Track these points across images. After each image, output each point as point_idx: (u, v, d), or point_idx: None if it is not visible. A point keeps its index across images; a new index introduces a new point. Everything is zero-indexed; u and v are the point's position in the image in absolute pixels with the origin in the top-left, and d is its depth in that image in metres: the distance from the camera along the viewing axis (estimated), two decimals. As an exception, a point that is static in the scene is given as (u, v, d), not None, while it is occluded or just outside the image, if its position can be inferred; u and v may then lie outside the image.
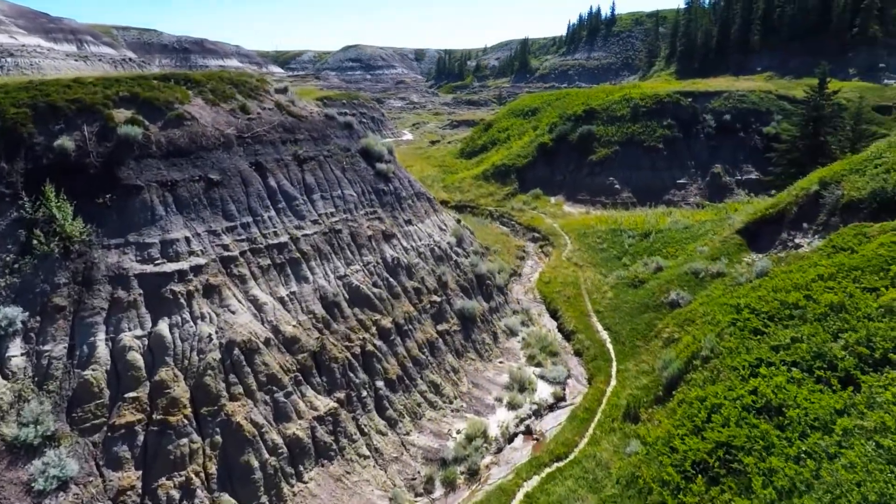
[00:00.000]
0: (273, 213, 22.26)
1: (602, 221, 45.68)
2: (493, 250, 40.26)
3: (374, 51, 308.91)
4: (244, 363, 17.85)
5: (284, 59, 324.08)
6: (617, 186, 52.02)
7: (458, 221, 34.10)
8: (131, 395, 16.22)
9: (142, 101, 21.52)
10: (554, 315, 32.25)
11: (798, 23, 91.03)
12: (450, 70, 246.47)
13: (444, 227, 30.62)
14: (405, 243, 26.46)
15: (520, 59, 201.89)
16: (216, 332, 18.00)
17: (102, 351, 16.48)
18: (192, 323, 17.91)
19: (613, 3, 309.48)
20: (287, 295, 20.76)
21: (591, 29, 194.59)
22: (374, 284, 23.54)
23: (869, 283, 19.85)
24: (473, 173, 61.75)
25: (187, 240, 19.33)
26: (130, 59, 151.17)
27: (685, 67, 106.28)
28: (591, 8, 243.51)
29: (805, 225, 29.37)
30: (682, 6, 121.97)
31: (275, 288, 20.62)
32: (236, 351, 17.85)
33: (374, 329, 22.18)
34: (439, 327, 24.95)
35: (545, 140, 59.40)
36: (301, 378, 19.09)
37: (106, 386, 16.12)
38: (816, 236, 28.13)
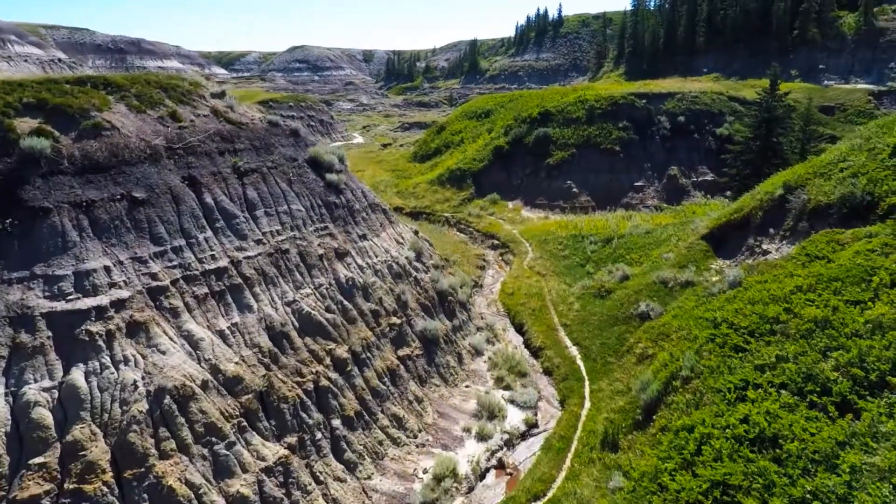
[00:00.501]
0: (210, 233, 19.77)
1: (562, 227, 44.54)
2: (453, 261, 38.46)
3: (322, 52, 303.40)
4: (177, 413, 15.40)
5: (228, 60, 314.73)
6: (575, 190, 51.09)
7: (416, 233, 32.12)
8: (38, 461, 13.58)
9: (51, 109, 18.68)
10: (520, 329, 30.68)
11: (741, 25, 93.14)
12: (399, 71, 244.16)
13: (401, 241, 28.59)
14: (360, 261, 24.31)
15: (469, 60, 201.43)
16: (143, 378, 15.48)
17: (1, 409, 13.79)
18: (113, 369, 15.33)
19: (560, 5, 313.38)
20: (228, 327, 18.34)
21: (539, 30, 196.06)
22: (328, 309, 21.33)
23: (852, 296, 18.94)
24: (428, 178, 59.85)
25: (107, 269, 16.69)
26: (60, 60, 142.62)
27: (634, 68, 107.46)
28: (538, 10, 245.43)
29: (772, 230, 28.74)
30: (629, 8, 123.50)
31: (213, 320, 18.17)
32: (167, 399, 15.37)
33: (328, 360, 19.97)
34: (400, 352, 22.92)
35: (501, 143, 58.07)
36: (246, 424, 16.74)
37: (6, 452, 13.45)
38: (784, 242, 27.48)
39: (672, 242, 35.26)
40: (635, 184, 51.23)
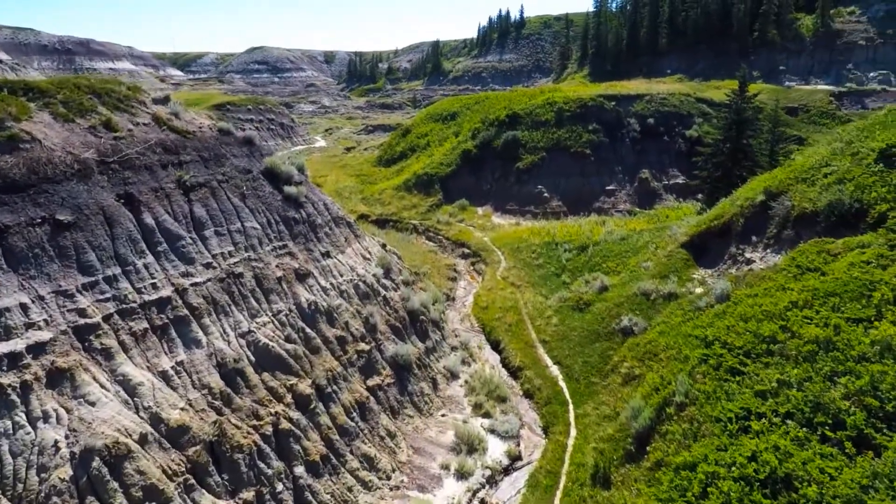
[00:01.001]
0: (150, 259, 17.41)
1: (535, 234, 43.08)
2: (423, 272, 36.55)
3: (282, 52, 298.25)
4: (108, 477, 13.09)
5: (184, 62, 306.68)
6: (546, 195, 49.76)
7: (384, 246, 30.08)
8: (-70, 549, 11.17)
9: (-42, 119, 16.07)
10: (496, 347, 28.96)
11: (702, 26, 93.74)
12: (361, 73, 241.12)
13: (368, 256, 26.53)
14: (324, 282, 22.18)
15: (432, 61, 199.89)
16: (66, 438, 13.13)
17: None
18: (29, 428, 12.95)
19: (522, 7, 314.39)
20: (172, 367, 16.05)
21: (502, 32, 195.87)
22: (288, 339, 19.16)
23: (853, 314, 17.75)
24: (394, 183, 57.79)
25: (23, 307, 14.25)
26: (1, 62, 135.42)
27: (598, 69, 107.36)
28: (500, 11, 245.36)
29: (754, 238, 27.70)
30: (591, 9, 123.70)
31: (155, 360, 15.86)
32: (96, 461, 13.05)
33: (289, 397, 17.83)
34: (370, 382, 20.90)
35: (468, 147, 56.41)
36: (193, 481, 14.52)
37: None
38: (769, 251, 26.44)
39: (650, 250, 34.08)
40: (607, 188, 50.19)
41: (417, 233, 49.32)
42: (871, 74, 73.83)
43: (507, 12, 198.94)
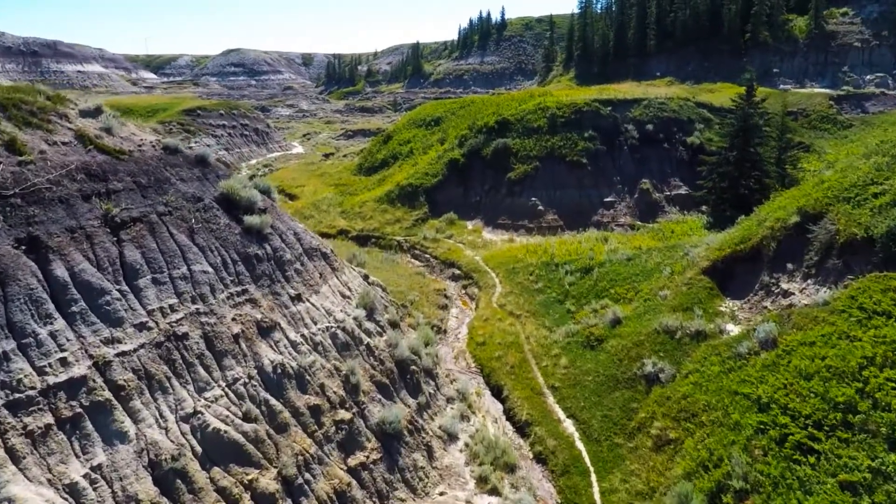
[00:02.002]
0: (60, 324, 13.25)
1: (531, 252, 39.35)
2: (411, 300, 32.64)
3: (259, 55, 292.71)
4: None
5: (158, 64, 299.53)
6: (541, 208, 46.10)
7: (366, 278, 26.08)
8: None
9: None
10: (498, 394, 25.10)
11: (691, 27, 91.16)
12: (340, 75, 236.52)
13: (348, 294, 22.51)
14: (294, 334, 18.13)
15: (412, 63, 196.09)
16: None
17: None
18: None
19: (503, 8, 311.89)
20: (86, 475, 11.93)
21: (483, 33, 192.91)
22: (247, 416, 15.11)
23: (955, 378, 14.28)
24: (376, 195, 53.71)
25: None
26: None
27: (584, 72, 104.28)
28: (480, 12, 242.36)
29: (790, 266, 24.27)
30: (576, 10, 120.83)
31: (60, 468, 11.73)
32: None
33: (247, 499, 13.78)
34: (352, 460, 16.90)
35: (455, 156, 52.58)
36: None
37: None
38: (811, 282, 22.99)
39: (664, 275, 30.51)
40: (605, 199, 46.70)
41: (402, 250, 45.32)
42: (868, 77, 71.63)
43: (488, 14, 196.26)
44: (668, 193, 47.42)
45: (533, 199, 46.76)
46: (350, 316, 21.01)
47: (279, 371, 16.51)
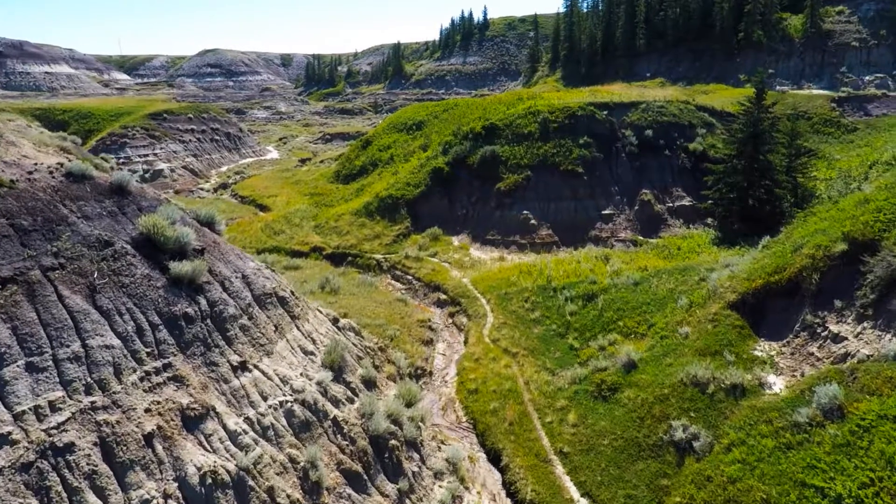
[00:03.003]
0: None
1: (525, 273, 35.35)
2: (391, 335, 28.41)
3: (236, 55, 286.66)
4: None
5: (132, 65, 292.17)
6: (533, 222, 42.12)
7: (336, 322, 21.82)
8: None
9: None
10: (495, 460, 20.96)
11: (682, 26, 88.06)
12: (320, 76, 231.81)
13: (312, 349, 18.22)
14: (234, 421, 13.83)
15: (393, 64, 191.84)
16: None
17: None
18: None
19: (485, 8, 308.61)
20: None
21: (465, 34, 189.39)
22: (157, 557, 10.77)
23: None
24: (353, 207, 49.35)
25: None
26: None
27: (571, 73, 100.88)
28: (462, 12, 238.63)
29: (838, 303, 20.48)
30: (561, 9, 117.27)
31: None
32: None
33: None
34: None
35: (439, 164, 48.41)
36: None
37: None
38: (867, 325, 19.21)
39: (679, 304, 26.64)
40: (603, 212, 42.84)
41: (382, 271, 41.05)
42: (867, 78, 68.81)
43: (470, 13, 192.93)
44: (671, 205, 43.72)
45: (525, 212, 42.75)
46: (313, 381, 16.73)
47: (209, 481, 12.20)
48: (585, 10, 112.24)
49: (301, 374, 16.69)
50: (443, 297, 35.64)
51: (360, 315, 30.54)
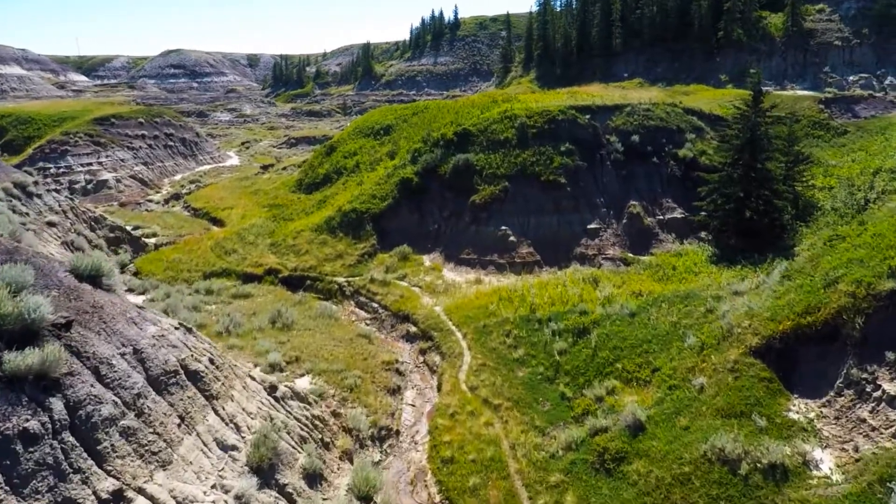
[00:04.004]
0: None
1: (505, 300, 31.24)
2: (350, 385, 23.97)
3: (201, 56, 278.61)
4: None
5: (90, 66, 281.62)
6: (512, 239, 38.06)
7: (274, 391, 17.32)
8: None
9: None
10: (476, 562, 16.76)
11: (659, 25, 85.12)
12: (288, 77, 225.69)
13: (233, 443, 13.72)
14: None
15: (363, 64, 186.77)
16: None
17: None
18: None
19: (456, 7, 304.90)
20: None
21: (436, 33, 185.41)
22: None
23: None
24: (314, 222, 44.66)
25: None
26: None
27: (546, 73, 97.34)
28: (433, 11, 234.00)
29: (891, 356, 16.75)
30: (534, 8, 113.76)
31: None
32: None
33: None
34: None
35: (408, 174, 44.05)
36: None
37: None
38: (934, 386, 15.51)
39: (687, 344, 22.79)
40: (589, 226, 38.99)
41: (344, 296, 36.56)
42: (852, 78, 66.52)
43: (441, 13, 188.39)
44: (661, 217, 40.09)
45: (503, 227, 38.65)
46: (230, 495, 12.26)
47: None
48: (559, 9, 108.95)
49: (214, 487, 12.21)
50: (413, 329, 31.29)
51: (316, 358, 26.08)
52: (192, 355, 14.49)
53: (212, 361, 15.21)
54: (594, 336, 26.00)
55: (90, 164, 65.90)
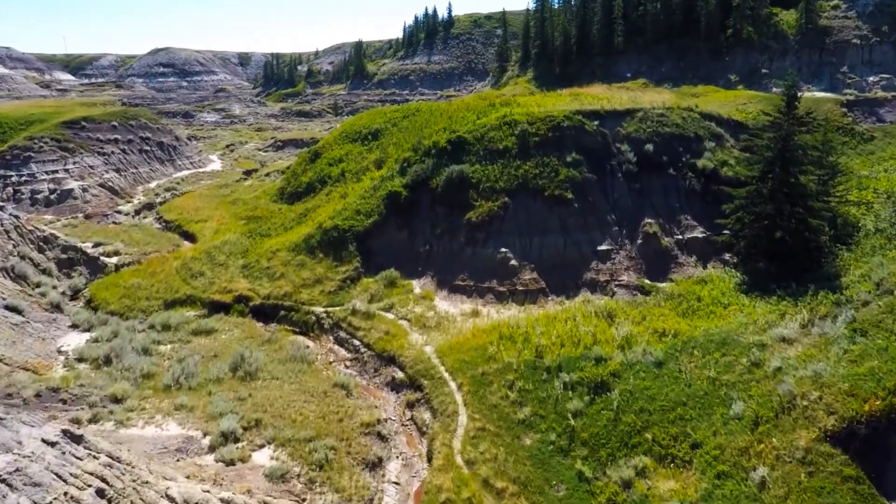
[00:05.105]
0: None
1: (506, 340, 26.81)
2: (320, 460, 19.47)
3: (191, 54, 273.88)
4: None
5: (78, 65, 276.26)
6: (514, 263, 33.61)
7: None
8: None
9: None
10: None
11: (663, 22, 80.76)
12: (279, 76, 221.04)
13: None
14: None
15: (355, 63, 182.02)
16: None
17: None
18: None
19: (450, 5, 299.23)
20: None
21: (429, 31, 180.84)
22: None
23: None
24: (292, 240, 40.03)
25: None
26: None
27: (544, 73, 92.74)
28: (426, 9, 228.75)
29: None
30: (532, 5, 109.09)
31: None
32: None
33: None
34: None
35: (396, 187, 39.52)
36: None
37: None
38: None
39: (735, 414, 18.42)
40: (599, 248, 34.58)
41: (322, 330, 32.02)
42: (872, 79, 62.34)
43: (434, 10, 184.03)
44: (680, 237, 35.70)
45: (502, 249, 34.20)
46: None
47: None
48: (557, 6, 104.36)
49: None
50: (399, 375, 26.81)
51: (281, 421, 21.63)
52: (64, 494, 9.93)
53: (102, 493, 10.65)
54: (616, 394, 21.60)
55: (55, 171, 61.01)
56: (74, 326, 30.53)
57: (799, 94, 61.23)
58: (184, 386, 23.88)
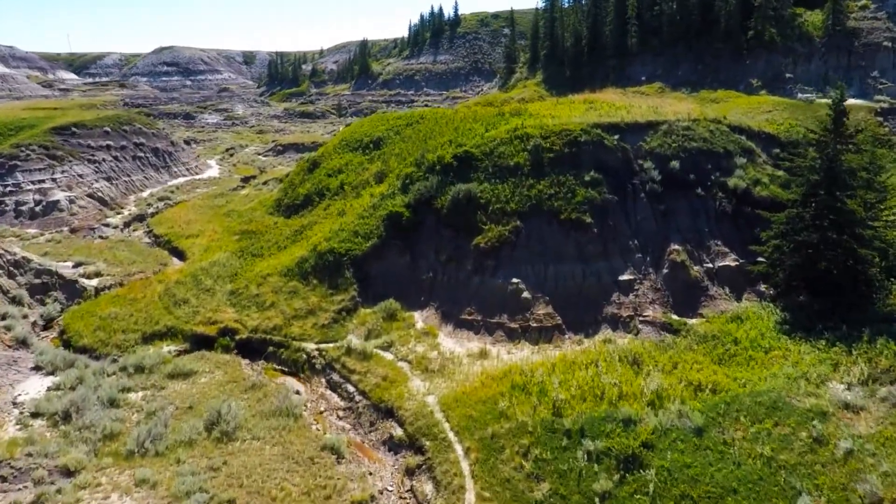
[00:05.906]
0: None
1: (519, 391, 23.59)
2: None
3: (195, 53, 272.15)
4: None
5: (82, 64, 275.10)
6: (527, 295, 30.30)
7: None
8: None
9: None
10: None
11: (680, 23, 77.14)
12: (283, 75, 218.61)
13: None
14: None
15: (360, 63, 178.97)
16: None
17: None
18: None
19: (456, 3, 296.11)
20: None
21: (435, 30, 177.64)
22: None
23: None
24: (284, 264, 36.84)
25: None
26: None
27: (554, 75, 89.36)
28: (432, 7, 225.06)
29: None
30: (541, 4, 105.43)
31: None
32: None
33: None
34: None
35: (398, 207, 36.28)
36: None
37: None
38: None
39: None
40: (621, 277, 31.23)
41: (314, 371, 28.83)
42: (905, 84, 58.70)
43: (440, 9, 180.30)
44: (711, 266, 32.29)
45: (514, 280, 30.90)
46: None
47: None
48: (567, 5, 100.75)
49: None
50: (398, 432, 23.57)
51: (258, 498, 18.48)
52: None
53: None
54: (652, 473, 18.28)
55: (42, 181, 58.10)
56: (38, 368, 27.45)
57: (825, 99, 57.71)
58: (150, 451, 20.74)
